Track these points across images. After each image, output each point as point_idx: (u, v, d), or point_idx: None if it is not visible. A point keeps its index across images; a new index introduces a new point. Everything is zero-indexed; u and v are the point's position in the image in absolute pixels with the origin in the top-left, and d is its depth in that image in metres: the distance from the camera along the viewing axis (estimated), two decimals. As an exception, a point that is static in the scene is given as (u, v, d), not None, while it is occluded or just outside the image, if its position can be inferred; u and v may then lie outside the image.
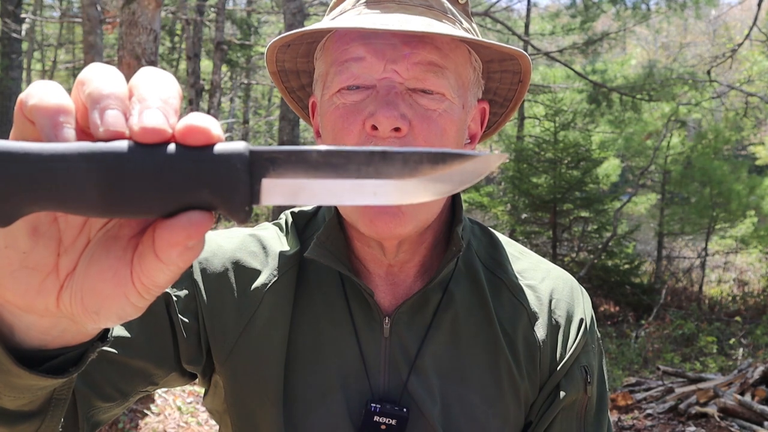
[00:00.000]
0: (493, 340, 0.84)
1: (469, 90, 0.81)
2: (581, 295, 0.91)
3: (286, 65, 0.87)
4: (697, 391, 4.81)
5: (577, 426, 0.85)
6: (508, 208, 9.95)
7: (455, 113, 0.78)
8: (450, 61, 0.77)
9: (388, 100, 0.73)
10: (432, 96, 0.76)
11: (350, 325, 0.83)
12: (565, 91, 11.47)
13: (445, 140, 0.77)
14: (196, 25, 10.08)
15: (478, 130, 0.87)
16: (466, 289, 0.86)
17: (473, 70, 0.82)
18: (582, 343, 0.87)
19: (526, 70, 0.85)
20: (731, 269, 12.68)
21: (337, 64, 0.77)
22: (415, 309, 0.84)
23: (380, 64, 0.74)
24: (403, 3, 0.78)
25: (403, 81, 0.75)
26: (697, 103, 11.41)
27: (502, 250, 0.92)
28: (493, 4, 11.80)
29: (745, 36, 9.96)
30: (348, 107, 0.76)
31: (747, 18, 13.97)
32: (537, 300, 0.88)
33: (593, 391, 0.87)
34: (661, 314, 8.94)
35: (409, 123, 0.74)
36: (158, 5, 4.07)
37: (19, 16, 13.91)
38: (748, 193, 11.23)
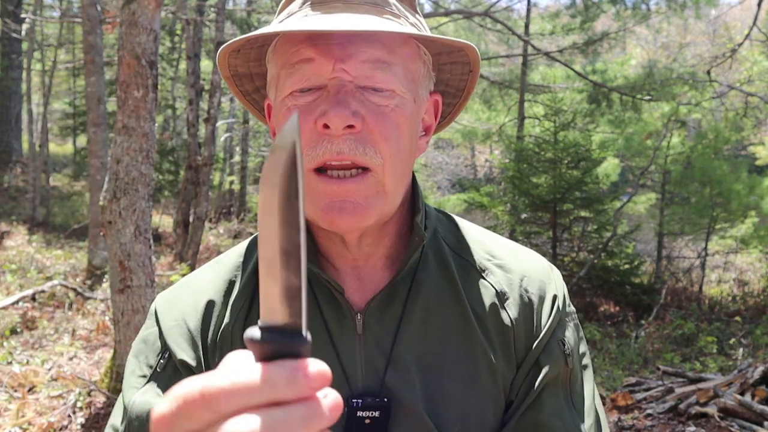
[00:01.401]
0: (466, 323, 0.84)
1: (420, 83, 0.82)
2: (552, 273, 0.92)
3: (239, 69, 0.88)
4: (697, 391, 4.81)
5: (565, 398, 0.85)
6: (508, 208, 9.95)
7: (407, 108, 0.79)
8: (398, 56, 0.78)
9: (339, 99, 0.74)
10: (382, 93, 0.77)
11: (322, 325, 0.83)
12: (565, 91, 11.46)
13: (399, 134, 0.78)
14: (196, 25, 10.07)
15: (432, 121, 0.89)
16: (435, 275, 0.86)
17: (423, 63, 0.83)
18: (557, 318, 0.87)
19: (474, 60, 0.86)
20: (731, 269, 12.68)
21: (287, 67, 0.78)
22: (386, 302, 0.84)
23: (329, 64, 0.75)
24: (348, 2, 0.79)
25: (353, 79, 0.76)
26: (697, 103, 11.41)
27: (470, 234, 0.93)
28: (493, 4, 11.80)
29: (745, 36, 9.96)
30: (300, 108, 0.77)
31: (747, 18, 13.97)
32: (507, 280, 0.88)
33: (574, 363, 0.87)
34: (661, 314, 8.94)
35: (363, 119, 0.75)
36: (158, 5, 4.07)
37: (19, 16, 13.90)
38: (748, 193, 11.23)
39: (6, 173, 15.38)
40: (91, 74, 8.08)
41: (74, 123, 16.80)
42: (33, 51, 14.51)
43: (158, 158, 13.19)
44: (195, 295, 0.88)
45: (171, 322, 0.86)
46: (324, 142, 0.74)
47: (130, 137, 4.03)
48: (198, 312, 0.86)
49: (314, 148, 0.75)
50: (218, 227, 14.21)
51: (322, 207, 0.76)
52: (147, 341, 0.87)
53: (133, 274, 4.05)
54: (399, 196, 0.81)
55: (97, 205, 7.46)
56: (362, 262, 0.85)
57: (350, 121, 0.73)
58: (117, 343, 4.25)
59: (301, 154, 0.43)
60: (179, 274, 8.06)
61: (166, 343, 0.84)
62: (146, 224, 4.10)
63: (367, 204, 0.76)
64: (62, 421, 4.34)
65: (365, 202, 0.76)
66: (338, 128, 0.73)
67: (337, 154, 0.74)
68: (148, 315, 0.91)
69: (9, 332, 6.12)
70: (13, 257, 9.41)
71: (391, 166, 0.77)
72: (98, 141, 8.05)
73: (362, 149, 0.74)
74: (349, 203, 0.75)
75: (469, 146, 22.72)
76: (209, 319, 0.86)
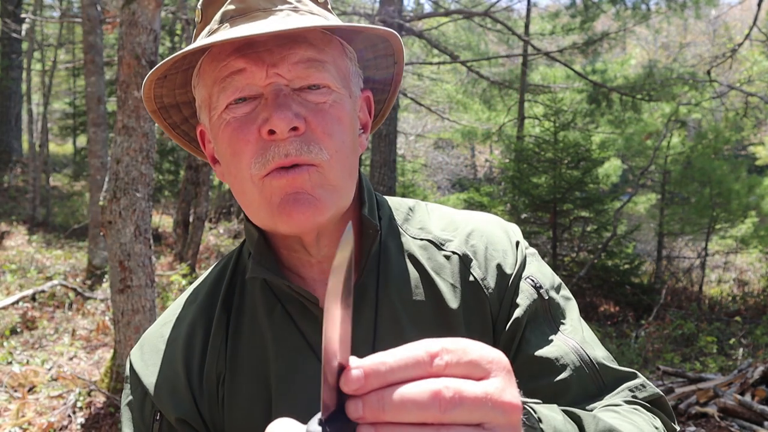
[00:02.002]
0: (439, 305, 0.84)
1: (351, 80, 0.83)
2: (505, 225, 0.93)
3: (165, 100, 0.87)
4: (697, 391, 4.81)
5: (549, 327, 0.84)
6: (508, 208, 9.95)
7: (345, 103, 0.80)
8: (327, 54, 0.79)
9: (279, 103, 0.74)
10: (319, 90, 0.77)
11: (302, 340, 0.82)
12: (565, 91, 11.47)
13: (342, 128, 0.78)
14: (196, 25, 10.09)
15: (367, 119, 0.89)
16: (399, 264, 0.87)
17: (349, 60, 0.83)
18: (522, 261, 0.88)
19: (398, 49, 0.86)
20: (731, 269, 12.68)
21: (218, 82, 0.77)
22: (358, 304, 0.83)
23: (261, 70, 0.75)
24: (268, 9, 0.79)
25: (288, 82, 0.76)
26: (697, 103, 11.41)
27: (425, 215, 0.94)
28: (493, 4, 11.79)
29: (745, 36, 9.95)
30: (240, 120, 0.76)
31: (747, 18, 13.97)
32: (467, 243, 0.89)
33: (550, 294, 0.86)
34: (661, 314, 8.94)
35: (305, 120, 0.75)
36: (158, 5, 4.07)
37: (19, 16, 13.90)
38: (748, 193, 11.23)
39: (6, 173, 15.38)
40: (91, 74, 8.08)
41: (74, 123, 16.80)
42: (33, 51, 14.51)
43: (158, 158, 13.20)
44: (172, 344, 0.87)
45: (153, 378, 0.84)
46: (271, 148, 0.74)
47: (130, 137, 4.03)
48: (180, 361, 0.85)
49: (263, 155, 0.75)
50: (218, 227, 14.21)
51: (277, 203, 0.76)
52: (134, 406, 0.86)
53: (133, 274, 4.05)
54: (350, 191, 0.81)
55: (97, 205, 7.46)
56: (326, 265, 0.85)
57: (294, 122, 0.74)
58: (117, 343, 4.25)
59: (353, 264, 0.47)
60: (179, 274, 8.06)
61: (154, 403, 0.83)
62: (146, 224, 4.10)
63: (319, 196, 0.76)
64: (62, 421, 4.34)
65: (316, 194, 0.76)
66: (284, 132, 0.73)
67: (285, 157, 0.74)
68: (126, 375, 0.89)
69: (9, 332, 6.12)
70: (13, 257, 9.41)
71: (337, 161, 0.77)
72: (98, 141, 8.05)
73: (307, 148, 0.75)
74: (303, 195, 0.75)
75: (469, 146, 22.72)
76: (192, 365, 0.85)
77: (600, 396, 0.80)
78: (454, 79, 14.80)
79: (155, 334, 0.89)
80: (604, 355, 0.84)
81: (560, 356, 0.80)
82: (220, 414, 0.83)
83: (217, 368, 0.84)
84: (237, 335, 0.85)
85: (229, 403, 0.83)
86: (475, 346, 0.47)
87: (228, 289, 0.89)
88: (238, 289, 0.89)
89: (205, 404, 0.83)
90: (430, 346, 0.45)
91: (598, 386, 0.81)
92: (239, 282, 0.89)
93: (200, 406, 0.83)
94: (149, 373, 0.85)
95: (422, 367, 0.45)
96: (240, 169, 0.77)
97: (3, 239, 10.92)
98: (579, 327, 0.86)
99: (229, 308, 0.87)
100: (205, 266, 9.79)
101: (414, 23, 11.01)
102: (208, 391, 0.84)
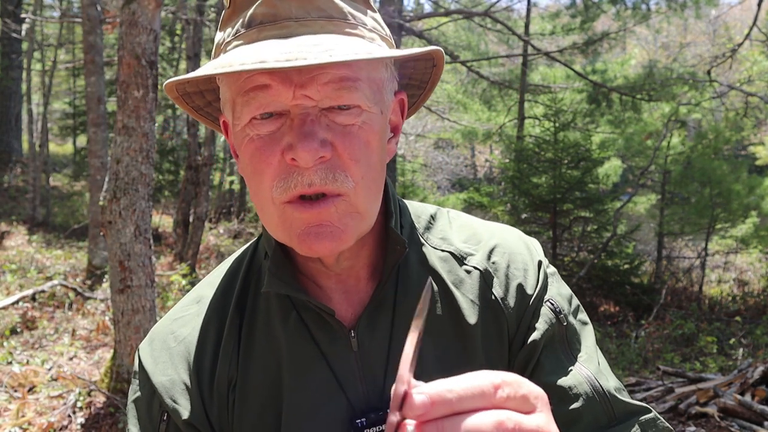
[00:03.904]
0: (455, 313, 0.84)
1: (385, 89, 0.79)
2: (528, 241, 0.92)
3: (187, 89, 0.85)
4: (697, 391, 4.81)
5: (564, 353, 0.84)
6: (508, 208, 9.95)
7: (375, 122, 0.76)
8: (361, 71, 0.74)
9: (305, 132, 0.70)
10: (349, 111, 0.73)
11: (315, 349, 0.81)
12: (565, 91, 11.47)
13: (369, 152, 0.75)
14: (196, 25, 10.07)
15: (399, 121, 0.86)
16: (418, 274, 0.85)
17: (385, 67, 0.79)
18: (543, 283, 0.87)
19: (438, 56, 0.82)
20: (731, 269, 12.68)
21: (242, 95, 0.73)
22: (375, 314, 0.83)
23: (288, 90, 0.71)
24: (301, 20, 0.73)
25: (316, 103, 0.72)
26: (697, 103, 11.41)
27: (446, 224, 0.92)
28: (493, 4, 11.79)
29: (745, 36, 9.95)
30: (263, 139, 0.73)
31: (747, 18, 13.97)
32: (489, 259, 0.87)
33: (569, 320, 0.86)
34: (661, 314, 8.94)
35: (331, 145, 0.72)
36: (158, 5, 4.07)
37: (19, 16, 13.90)
38: (748, 193, 11.23)
39: (6, 173, 15.38)
40: (91, 74, 8.08)
41: (74, 123, 16.80)
42: (33, 51, 14.52)
43: (158, 158, 13.20)
44: (184, 344, 0.85)
45: (163, 378, 0.83)
46: (294, 175, 0.72)
47: (130, 137, 4.03)
48: (192, 363, 0.83)
49: (285, 180, 0.72)
50: (218, 227, 14.21)
51: (298, 234, 0.74)
52: (141, 404, 0.85)
53: (133, 274, 4.05)
54: (375, 211, 0.79)
55: (97, 205, 7.46)
56: (345, 276, 0.84)
57: (320, 153, 0.70)
58: (117, 343, 4.25)
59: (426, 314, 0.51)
60: (179, 274, 8.06)
61: (162, 403, 0.82)
62: (146, 224, 4.10)
63: (343, 227, 0.74)
64: (62, 421, 4.34)
65: (341, 224, 0.74)
66: (308, 163, 0.70)
67: (309, 187, 0.71)
68: (134, 370, 0.87)
69: (9, 332, 6.12)
70: (13, 257, 9.41)
71: (363, 188, 0.74)
72: (98, 141, 8.05)
73: (332, 176, 0.72)
74: (325, 227, 0.73)
75: (469, 146, 22.72)
76: (203, 368, 0.83)
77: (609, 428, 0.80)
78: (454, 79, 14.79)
79: (165, 330, 0.87)
80: (617, 386, 0.83)
81: (574, 385, 0.80)
82: (228, 420, 0.82)
83: (229, 373, 0.82)
84: (250, 340, 0.84)
85: (240, 409, 0.82)
86: (525, 381, 0.49)
87: (242, 289, 0.87)
88: (252, 291, 0.87)
89: (215, 409, 0.82)
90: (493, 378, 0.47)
91: (609, 418, 0.81)
92: (253, 282, 0.87)
93: (209, 411, 0.82)
94: (158, 371, 0.83)
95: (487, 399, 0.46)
96: (261, 189, 0.74)
97: (3, 239, 10.92)
98: (594, 355, 0.86)
99: (243, 309, 0.86)
100: (206, 266, 9.79)
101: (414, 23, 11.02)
102: (218, 395, 0.82)
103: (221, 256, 10.85)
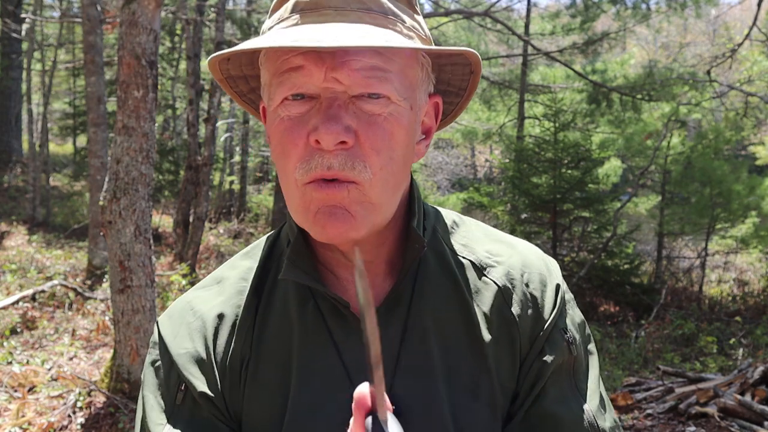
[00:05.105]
0: (470, 327, 0.84)
1: (418, 88, 0.80)
2: (550, 264, 0.92)
3: (231, 72, 0.87)
4: (697, 391, 4.81)
5: (569, 385, 0.85)
6: (508, 208, 9.95)
7: (403, 116, 0.77)
8: (394, 63, 0.75)
9: (331, 114, 0.72)
10: (377, 100, 0.75)
11: (327, 337, 0.83)
12: (565, 91, 11.47)
13: (392, 143, 0.76)
14: (196, 25, 10.07)
15: (432, 124, 0.87)
16: (436, 278, 0.86)
17: (421, 67, 0.81)
18: (560, 309, 0.87)
19: (475, 62, 0.84)
20: (731, 269, 12.68)
21: (277, 75, 0.76)
22: (390, 310, 0.84)
23: (320, 72, 0.73)
24: (340, 9, 0.76)
25: (346, 89, 0.74)
26: (697, 103, 11.41)
27: (468, 233, 0.93)
28: (493, 4, 11.80)
29: (745, 36, 9.95)
30: (292, 120, 0.76)
31: (747, 18, 13.97)
32: (509, 275, 0.88)
33: (578, 351, 0.87)
34: (661, 314, 8.94)
35: (355, 133, 0.73)
36: (158, 5, 4.07)
37: (19, 16, 13.90)
38: (748, 193, 11.22)
39: (6, 173, 15.38)
40: (91, 74, 8.08)
41: (74, 123, 16.79)
42: (33, 51, 14.51)
43: (158, 158, 13.20)
44: (202, 319, 0.87)
45: (181, 350, 0.85)
46: (316, 157, 0.74)
47: (130, 137, 4.03)
48: (209, 338, 0.85)
49: (307, 162, 0.74)
50: (218, 227, 14.21)
51: (314, 213, 0.76)
52: (159, 373, 0.86)
53: (133, 274, 4.05)
54: (392, 206, 0.80)
55: (97, 205, 7.46)
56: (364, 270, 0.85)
57: (342, 137, 0.72)
58: (117, 343, 4.25)
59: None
60: (179, 274, 8.06)
61: (180, 374, 0.84)
62: (146, 224, 4.10)
63: (354, 213, 0.75)
64: (62, 421, 4.34)
65: (352, 210, 0.75)
66: (329, 145, 0.72)
67: (328, 170, 0.74)
68: (153, 340, 0.89)
69: (9, 332, 6.12)
70: (13, 257, 9.41)
71: (380, 179, 0.76)
72: (98, 141, 8.06)
73: (351, 164, 0.73)
74: (339, 210, 0.75)
75: (469, 146, 22.72)
76: (218, 344, 0.85)
77: None
78: (454, 79, 14.77)
79: (185, 306, 0.90)
80: (612, 425, 0.86)
81: (573, 421, 0.82)
82: (239, 397, 0.84)
83: (242, 352, 0.84)
84: (265, 321, 0.86)
85: (250, 387, 0.84)
86: None
87: (261, 274, 0.89)
88: (271, 276, 0.89)
89: (227, 385, 0.84)
90: None
91: None
92: (273, 268, 0.89)
93: (222, 386, 0.84)
94: (176, 344, 0.85)
95: None
96: (286, 170, 0.77)
97: (3, 239, 10.92)
98: (597, 389, 0.87)
99: (261, 293, 0.88)
100: (206, 266, 9.79)
101: (414, 23, 10.99)
102: (230, 372, 0.84)
103: (221, 256, 10.85)
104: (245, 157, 16.65)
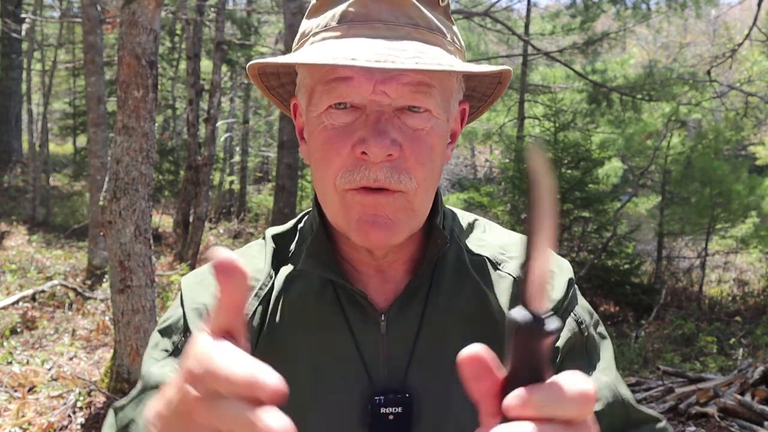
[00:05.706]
0: (488, 315, 0.86)
1: (453, 98, 0.83)
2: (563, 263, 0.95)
3: (266, 69, 0.89)
4: (697, 391, 4.81)
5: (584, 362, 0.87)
6: (508, 208, 9.95)
7: (441, 128, 0.80)
8: (436, 78, 0.78)
9: (379, 129, 0.74)
10: (420, 114, 0.77)
11: (345, 325, 0.84)
12: (565, 91, 11.47)
13: (433, 156, 0.79)
14: (196, 25, 10.07)
15: (458, 128, 0.90)
16: (452, 274, 0.88)
17: (456, 78, 0.84)
18: (571, 296, 0.90)
19: (506, 75, 0.86)
20: (731, 269, 12.68)
21: (323, 83, 0.77)
22: (407, 302, 0.86)
23: (369, 84, 0.75)
24: (390, 23, 0.77)
25: (392, 101, 0.76)
26: (697, 103, 11.41)
27: (482, 231, 0.96)
28: (493, 4, 11.80)
29: (745, 36, 9.95)
30: (337, 129, 0.77)
31: (747, 18, 13.95)
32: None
33: (590, 331, 0.89)
34: (661, 314, 8.94)
35: (400, 146, 0.76)
36: (158, 5, 4.07)
37: (19, 16, 13.90)
38: (748, 193, 11.23)
39: (6, 173, 15.39)
40: (91, 74, 8.08)
41: (74, 123, 16.80)
42: (33, 51, 14.51)
43: (158, 158, 13.19)
44: None
45: (194, 305, 0.87)
46: (361, 168, 0.76)
47: (130, 137, 4.03)
48: None
49: (352, 172, 0.76)
50: (218, 227, 14.21)
51: (356, 219, 0.77)
52: (172, 320, 0.89)
53: (133, 274, 4.05)
54: (427, 211, 0.83)
55: (97, 205, 7.46)
56: (386, 267, 0.87)
57: (390, 150, 0.74)
58: (117, 343, 4.25)
59: None
60: (179, 274, 8.06)
61: (188, 325, 0.86)
62: (146, 224, 4.10)
63: (397, 220, 0.78)
64: (62, 421, 4.34)
65: (395, 217, 0.77)
66: (378, 158, 0.74)
67: (374, 181, 0.76)
68: (177, 295, 0.92)
69: (9, 332, 6.12)
70: (13, 257, 9.41)
71: (423, 189, 0.79)
72: (98, 141, 8.05)
73: (397, 177, 0.76)
74: (382, 217, 0.77)
75: (469, 146, 22.73)
76: None
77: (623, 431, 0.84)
78: (454, 79, 14.78)
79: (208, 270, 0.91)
80: (631, 396, 0.87)
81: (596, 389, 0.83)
82: None
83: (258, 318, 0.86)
84: (285, 295, 0.87)
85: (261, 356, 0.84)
86: None
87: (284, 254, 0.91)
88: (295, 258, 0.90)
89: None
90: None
91: (624, 423, 0.85)
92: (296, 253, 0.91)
93: None
94: (192, 299, 0.87)
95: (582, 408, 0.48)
96: (326, 175, 0.78)
97: (3, 239, 10.92)
98: (612, 366, 0.89)
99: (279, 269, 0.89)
100: (205, 266, 9.76)
101: (414, 23, 11.00)
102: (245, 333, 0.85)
103: (221, 256, 10.82)
104: (245, 157, 16.65)
